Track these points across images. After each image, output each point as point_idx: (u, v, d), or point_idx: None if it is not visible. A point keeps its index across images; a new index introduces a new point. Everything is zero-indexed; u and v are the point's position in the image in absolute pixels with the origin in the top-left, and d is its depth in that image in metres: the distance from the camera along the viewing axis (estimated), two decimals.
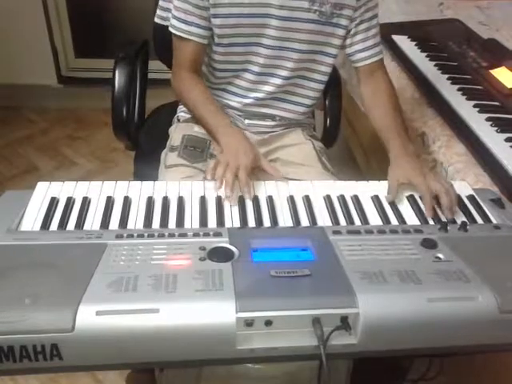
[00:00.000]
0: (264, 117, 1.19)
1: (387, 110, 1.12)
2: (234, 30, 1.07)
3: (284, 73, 1.12)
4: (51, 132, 2.49)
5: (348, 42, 1.14)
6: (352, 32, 1.12)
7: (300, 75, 1.15)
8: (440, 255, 0.76)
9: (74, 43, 2.62)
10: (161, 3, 1.23)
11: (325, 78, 1.18)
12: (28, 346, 0.61)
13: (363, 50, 1.14)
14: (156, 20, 1.22)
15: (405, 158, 1.01)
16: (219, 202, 0.89)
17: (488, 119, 1.20)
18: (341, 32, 1.10)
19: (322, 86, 1.19)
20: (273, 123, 1.20)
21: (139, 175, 1.29)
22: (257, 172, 1.00)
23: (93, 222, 0.83)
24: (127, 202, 0.87)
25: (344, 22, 1.09)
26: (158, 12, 1.22)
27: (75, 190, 0.90)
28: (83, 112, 2.59)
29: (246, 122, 1.19)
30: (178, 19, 1.07)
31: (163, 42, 1.22)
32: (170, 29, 1.09)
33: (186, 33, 1.07)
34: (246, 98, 1.16)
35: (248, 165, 0.95)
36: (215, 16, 1.05)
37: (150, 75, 1.51)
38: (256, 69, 1.12)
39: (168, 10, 1.15)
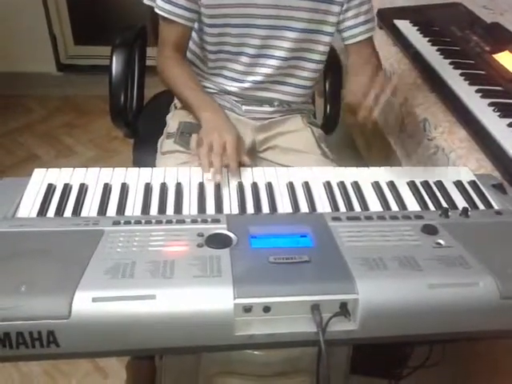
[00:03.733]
0: (262, 102, 1.18)
1: (371, 74, 1.06)
2: (227, 10, 1.05)
3: (282, 53, 1.10)
4: (51, 120, 2.47)
5: (340, 17, 1.11)
6: (344, 7, 1.09)
7: (298, 56, 1.13)
8: (441, 241, 0.75)
9: (73, 30, 2.60)
10: None
11: (323, 58, 1.16)
12: (24, 332, 0.60)
13: (354, 27, 1.12)
14: (145, 1, 1.19)
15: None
16: (218, 189, 0.88)
17: (491, 104, 1.18)
18: (336, 9, 1.09)
19: (320, 67, 1.17)
20: (271, 109, 1.18)
21: (138, 163, 1.28)
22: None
23: (90, 208, 0.82)
24: (125, 189, 0.86)
25: None
26: None
27: (72, 176, 0.89)
28: (83, 100, 2.57)
29: (244, 108, 1.17)
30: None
31: None
32: (156, 9, 1.08)
33: (171, 14, 1.06)
34: (243, 82, 1.15)
35: (235, 140, 0.93)
36: None
37: (149, 63, 1.49)
38: (251, 51, 1.10)
39: None
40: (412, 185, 0.93)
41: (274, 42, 1.09)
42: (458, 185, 0.94)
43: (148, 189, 0.87)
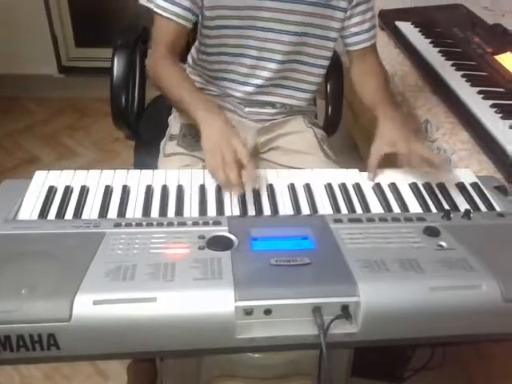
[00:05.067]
0: (264, 104, 1.17)
1: (377, 85, 1.13)
2: (229, 12, 1.04)
3: (278, 57, 1.10)
4: (52, 122, 2.47)
5: (344, 23, 1.11)
6: (348, 14, 1.09)
7: (297, 59, 1.13)
8: (443, 243, 0.75)
9: (75, 32, 2.60)
10: None
11: (326, 63, 1.16)
12: (25, 335, 0.60)
13: (359, 34, 1.12)
14: (141, 1, 1.17)
15: (390, 125, 1.01)
16: (219, 191, 0.88)
17: (492, 106, 1.18)
18: (340, 15, 1.09)
19: (323, 71, 1.17)
20: (273, 111, 1.18)
21: (139, 165, 1.27)
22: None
23: (91, 211, 0.82)
24: (126, 191, 0.86)
25: (343, 3, 1.07)
26: None
27: (73, 178, 0.89)
28: (84, 102, 2.57)
29: (246, 109, 1.17)
30: None
31: None
32: (153, 7, 1.05)
33: (170, 12, 1.04)
34: (245, 85, 1.14)
35: (243, 148, 0.89)
36: None
37: None
38: (252, 53, 1.10)
39: None
40: (414, 187, 0.93)
41: (273, 45, 1.08)
42: (460, 187, 0.93)
43: (149, 191, 0.87)
